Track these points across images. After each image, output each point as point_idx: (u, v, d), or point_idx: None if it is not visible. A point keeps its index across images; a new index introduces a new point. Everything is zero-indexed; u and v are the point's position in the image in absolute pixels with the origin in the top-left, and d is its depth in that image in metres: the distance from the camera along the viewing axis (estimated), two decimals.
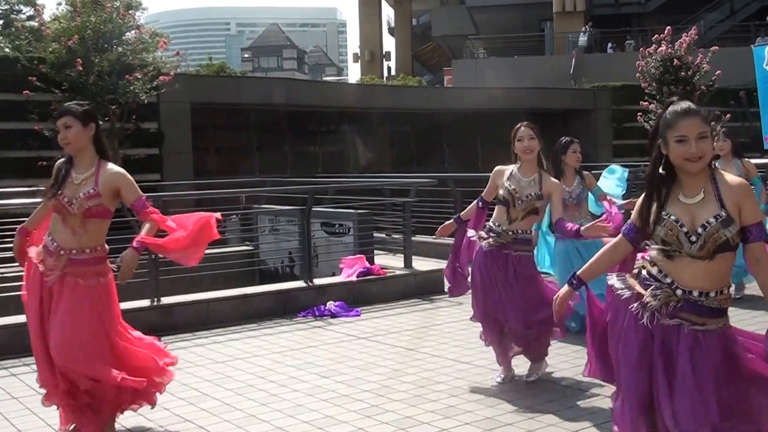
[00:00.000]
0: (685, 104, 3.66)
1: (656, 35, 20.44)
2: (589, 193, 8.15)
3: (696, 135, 3.55)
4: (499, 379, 6.43)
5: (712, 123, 15.78)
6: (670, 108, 3.68)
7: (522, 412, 5.68)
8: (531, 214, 6.32)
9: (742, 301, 9.16)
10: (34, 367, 5.30)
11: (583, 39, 37.21)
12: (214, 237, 5.43)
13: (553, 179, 6.39)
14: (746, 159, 9.58)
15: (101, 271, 5.15)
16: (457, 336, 8.09)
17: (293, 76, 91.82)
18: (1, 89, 16.18)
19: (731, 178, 3.60)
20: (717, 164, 3.72)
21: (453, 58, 45.14)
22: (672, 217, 3.58)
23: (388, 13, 64.46)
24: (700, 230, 3.51)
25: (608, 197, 8.33)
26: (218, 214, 5.52)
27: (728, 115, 20.76)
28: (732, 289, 8.98)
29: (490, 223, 6.42)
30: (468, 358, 7.15)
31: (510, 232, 6.28)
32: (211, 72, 45.93)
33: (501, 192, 6.34)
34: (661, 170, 3.65)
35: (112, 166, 5.22)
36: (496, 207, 6.44)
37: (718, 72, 19.68)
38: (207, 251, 5.81)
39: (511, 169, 6.38)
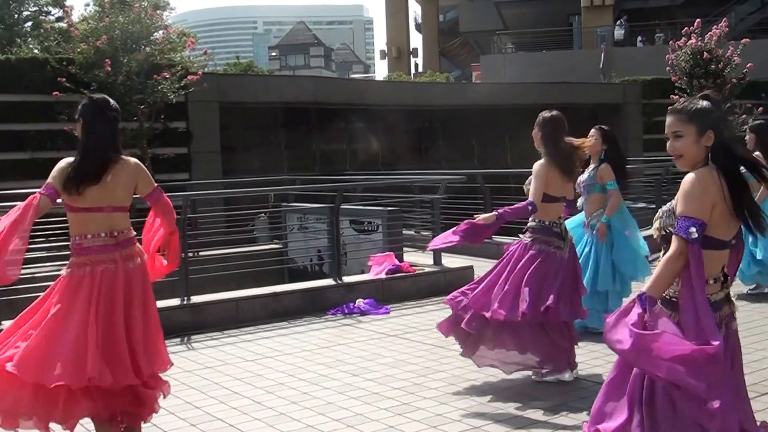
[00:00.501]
0: (678, 103, 3.71)
1: (686, 28, 20.22)
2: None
3: (671, 133, 3.66)
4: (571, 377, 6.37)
5: (743, 116, 15.57)
6: None
7: (553, 410, 5.62)
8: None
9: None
10: None
11: (619, 32, 36.65)
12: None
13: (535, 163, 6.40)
14: None
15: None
16: None
17: (320, 73, 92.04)
18: (30, 90, 16.31)
19: (687, 175, 3.54)
20: None
21: (481, 53, 44.93)
22: None
23: (415, 9, 64.40)
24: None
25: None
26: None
27: (760, 108, 20.50)
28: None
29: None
30: None
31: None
32: (238, 71, 46.09)
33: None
34: None
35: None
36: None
37: (750, 64, 19.44)
38: (236, 250, 5.79)
39: None
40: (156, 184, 5.18)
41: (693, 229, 3.36)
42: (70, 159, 4.94)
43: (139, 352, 4.88)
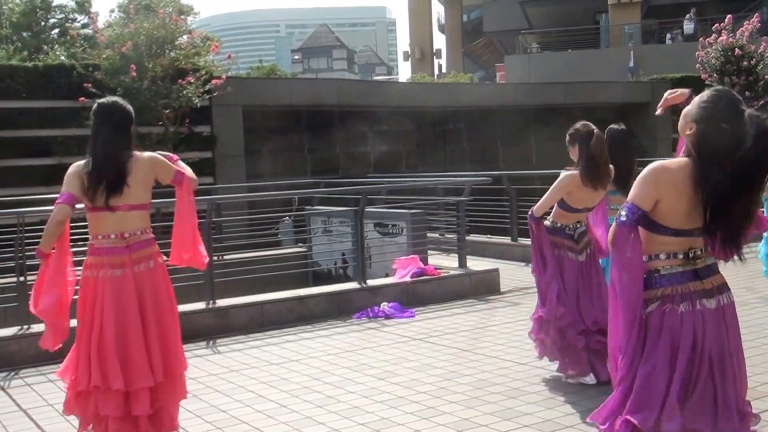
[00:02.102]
0: None
1: (716, 24, 20.00)
2: None
3: None
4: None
5: None
6: None
7: (581, 414, 5.56)
8: None
9: None
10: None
11: (689, 26, 35.77)
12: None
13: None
14: None
15: None
16: (514, 337, 7.97)
17: (343, 76, 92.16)
18: (58, 96, 16.42)
19: None
20: None
21: (505, 53, 44.78)
22: None
23: (438, 10, 64.30)
24: None
25: None
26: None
27: None
28: None
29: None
30: (525, 359, 7.04)
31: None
32: (261, 74, 46.24)
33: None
34: None
35: None
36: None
37: None
38: (261, 253, 5.78)
39: None
40: (176, 168, 5.22)
41: (624, 212, 3.54)
42: (81, 164, 4.97)
43: (154, 354, 4.93)
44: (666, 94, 4.78)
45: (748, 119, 3.39)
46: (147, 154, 5.11)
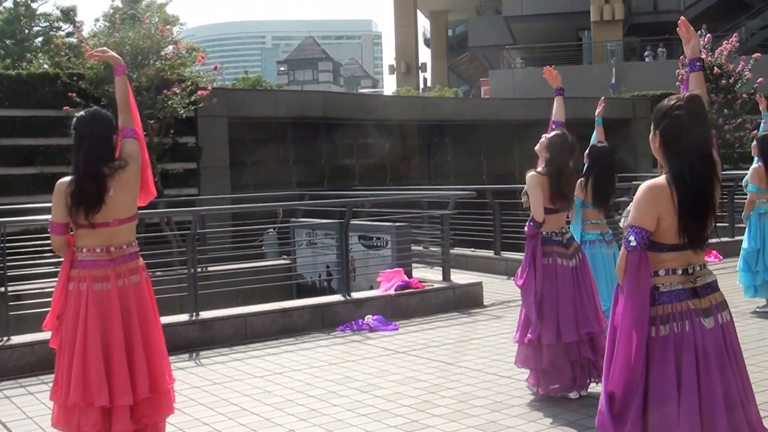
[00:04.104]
0: None
1: None
2: None
3: None
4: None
5: (754, 132, 15.51)
6: None
7: (564, 428, 5.58)
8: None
9: None
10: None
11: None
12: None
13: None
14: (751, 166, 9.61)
15: None
16: (497, 350, 8.00)
17: (329, 88, 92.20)
18: (41, 105, 16.33)
19: None
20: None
21: (490, 68, 45.01)
22: None
23: (423, 24, 64.61)
24: None
25: None
26: None
27: None
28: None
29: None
30: (509, 373, 7.05)
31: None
32: (246, 86, 46.19)
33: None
34: None
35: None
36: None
37: (760, 79, 19.39)
38: (245, 265, 5.75)
39: None
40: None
41: (632, 238, 3.54)
42: (66, 180, 4.94)
43: (139, 370, 4.88)
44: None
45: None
46: (125, 154, 5.05)
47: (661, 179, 3.59)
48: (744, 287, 9.60)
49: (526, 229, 6.35)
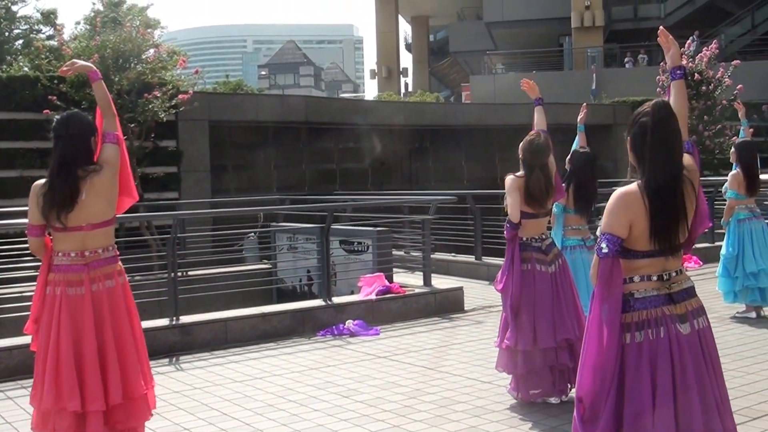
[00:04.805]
0: None
1: None
2: None
3: None
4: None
5: (734, 138, 15.65)
6: None
7: None
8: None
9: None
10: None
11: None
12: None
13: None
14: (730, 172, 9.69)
15: None
16: (478, 355, 8.01)
17: (310, 93, 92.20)
18: (21, 108, 16.24)
19: None
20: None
21: (471, 73, 45.10)
22: None
23: (405, 29, 64.58)
24: None
25: None
26: None
27: (751, 129, 20.57)
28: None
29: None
30: (489, 378, 7.07)
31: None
32: (227, 90, 46.08)
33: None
34: None
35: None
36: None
37: (740, 86, 19.56)
38: (225, 270, 5.73)
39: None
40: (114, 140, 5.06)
41: (604, 245, 3.55)
42: (41, 182, 4.92)
43: (111, 377, 4.84)
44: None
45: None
46: (103, 157, 5.01)
47: (634, 186, 3.61)
48: (723, 293, 9.67)
49: (504, 232, 6.38)
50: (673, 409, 3.48)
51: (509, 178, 6.31)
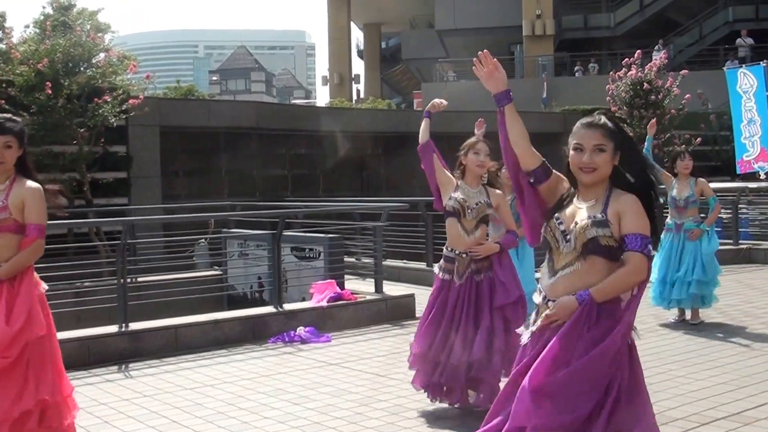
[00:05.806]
0: (595, 117, 3.83)
1: (626, 59, 20.65)
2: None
3: (592, 146, 3.71)
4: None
5: (682, 146, 15.91)
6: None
7: None
8: (482, 222, 6.47)
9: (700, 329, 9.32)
10: None
11: (656, 56, 35.92)
12: None
13: (497, 191, 6.48)
14: (701, 179, 9.74)
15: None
16: None
17: (261, 98, 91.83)
18: None
19: (627, 195, 3.66)
20: (674, 182, 3.87)
21: (422, 81, 45.32)
22: (557, 217, 3.72)
23: (357, 36, 64.64)
24: (572, 226, 3.64)
25: None
26: None
27: (698, 139, 20.99)
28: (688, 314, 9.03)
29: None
30: None
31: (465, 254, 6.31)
32: (178, 95, 45.71)
33: (450, 203, 6.42)
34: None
35: (29, 183, 4.96)
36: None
37: (688, 95, 19.94)
38: (175, 276, 5.70)
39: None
40: (39, 225, 4.93)
41: (650, 248, 3.57)
42: None
43: (30, 382, 4.77)
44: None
45: None
46: (32, 184, 4.96)
47: None
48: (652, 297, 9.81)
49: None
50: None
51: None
